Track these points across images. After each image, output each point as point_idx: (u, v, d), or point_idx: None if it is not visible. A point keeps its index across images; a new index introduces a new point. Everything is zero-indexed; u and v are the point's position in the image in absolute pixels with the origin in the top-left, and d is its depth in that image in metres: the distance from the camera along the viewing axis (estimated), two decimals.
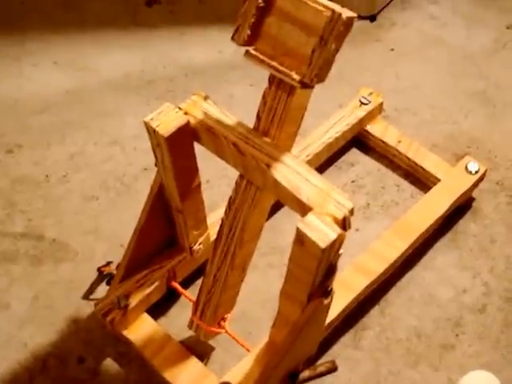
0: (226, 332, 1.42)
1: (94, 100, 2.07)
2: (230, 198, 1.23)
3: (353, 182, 1.81)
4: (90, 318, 1.57)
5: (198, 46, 2.25)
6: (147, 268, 1.50)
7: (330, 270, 1.10)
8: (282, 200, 1.13)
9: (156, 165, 1.29)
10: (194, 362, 1.44)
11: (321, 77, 1.01)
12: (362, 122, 1.82)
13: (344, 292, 1.46)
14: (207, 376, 1.41)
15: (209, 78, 2.11)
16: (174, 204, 1.36)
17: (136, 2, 2.35)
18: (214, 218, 1.51)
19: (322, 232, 1.01)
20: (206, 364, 1.49)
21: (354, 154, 1.88)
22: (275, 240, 1.67)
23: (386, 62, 2.19)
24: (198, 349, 1.51)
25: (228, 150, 1.16)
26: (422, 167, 1.77)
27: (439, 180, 1.72)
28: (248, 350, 1.40)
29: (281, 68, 1.04)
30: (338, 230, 1.01)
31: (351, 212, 1.04)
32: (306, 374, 1.35)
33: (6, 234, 1.72)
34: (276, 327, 1.29)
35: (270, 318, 1.30)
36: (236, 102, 2.00)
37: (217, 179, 1.79)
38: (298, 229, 1.02)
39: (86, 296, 1.61)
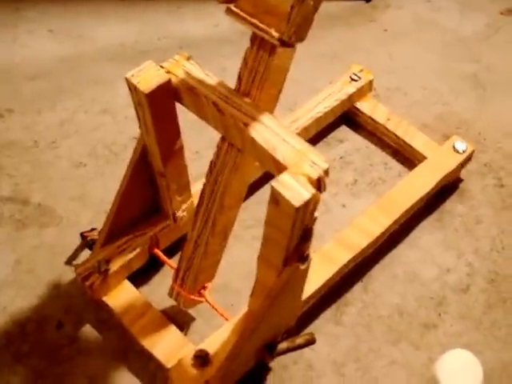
0: (206, 301, 1.42)
1: (88, 68, 2.07)
2: (211, 162, 1.23)
3: (341, 158, 1.80)
4: (71, 283, 1.58)
5: (194, 20, 2.25)
6: (130, 234, 1.50)
7: (306, 234, 1.09)
8: (259, 160, 1.13)
9: (140, 127, 1.29)
10: (173, 331, 1.44)
11: (299, 35, 1.01)
12: (352, 98, 1.82)
13: (326, 265, 1.47)
14: (185, 345, 1.41)
15: (203, 51, 2.11)
16: (157, 167, 1.36)
17: None
18: (199, 187, 1.50)
19: (296, 191, 1.00)
20: (185, 334, 1.49)
21: (344, 130, 1.88)
22: (261, 213, 1.65)
23: (379, 43, 2.18)
24: (179, 318, 1.51)
25: (208, 109, 1.16)
26: (410, 146, 1.77)
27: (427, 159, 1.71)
28: (228, 320, 1.40)
29: (261, 25, 1.04)
30: (312, 191, 1.01)
31: (326, 173, 1.04)
32: (284, 345, 1.36)
33: None
34: (254, 295, 1.28)
35: None
36: (228, 75, 1.96)
37: (205, 150, 1.78)
38: (272, 187, 1.02)
39: (69, 262, 1.61)
